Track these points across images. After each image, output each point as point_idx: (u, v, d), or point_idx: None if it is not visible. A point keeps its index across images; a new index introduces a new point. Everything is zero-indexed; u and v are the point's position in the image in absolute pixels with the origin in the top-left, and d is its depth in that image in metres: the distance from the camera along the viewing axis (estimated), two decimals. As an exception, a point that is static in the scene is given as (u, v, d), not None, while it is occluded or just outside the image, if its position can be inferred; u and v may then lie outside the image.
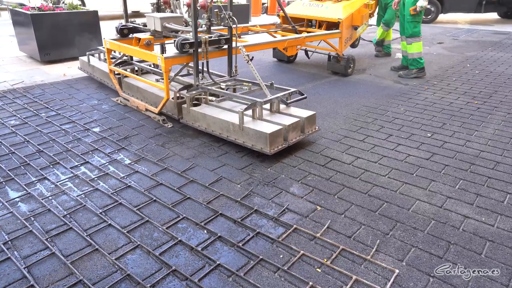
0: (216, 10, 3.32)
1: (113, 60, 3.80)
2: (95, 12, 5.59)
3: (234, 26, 3.23)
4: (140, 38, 3.33)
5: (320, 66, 5.54)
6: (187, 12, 3.87)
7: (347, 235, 1.92)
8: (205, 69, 3.28)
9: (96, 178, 2.44)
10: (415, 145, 2.98)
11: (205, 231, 1.95)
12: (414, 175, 2.53)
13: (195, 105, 3.17)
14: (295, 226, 1.98)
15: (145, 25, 3.74)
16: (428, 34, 8.94)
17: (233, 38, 3.29)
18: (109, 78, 3.97)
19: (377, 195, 2.28)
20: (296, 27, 4.97)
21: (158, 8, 3.96)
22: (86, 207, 2.13)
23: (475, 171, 2.59)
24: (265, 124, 2.78)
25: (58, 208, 2.12)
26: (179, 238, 1.88)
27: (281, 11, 5.03)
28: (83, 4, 8.89)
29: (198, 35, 3.11)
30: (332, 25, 4.95)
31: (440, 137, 3.13)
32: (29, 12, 4.95)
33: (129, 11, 4.06)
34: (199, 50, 3.11)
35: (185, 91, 3.20)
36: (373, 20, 6.37)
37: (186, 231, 1.95)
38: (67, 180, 2.42)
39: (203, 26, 3.27)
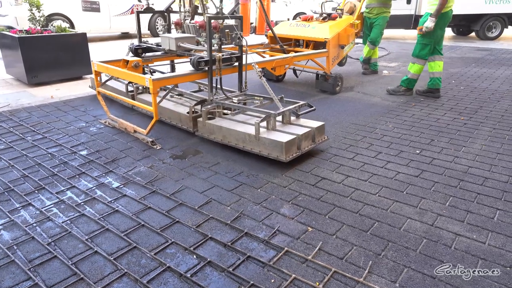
0: (227, 30, 3.56)
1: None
2: (84, 34, 5.60)
3: (244, 45, 3.42)
4: (128, 61, 3.33)
5: (308, 84, 5.59)
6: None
7: (339, 257, 1.90)
8: (213, 84, 3.44)
9: (82, 203, 2.38)
10: (405, 162, 2.99)
11: (195, 256, 1.90)
12: (405, 192, 2.53)
13: (209, 118, 3.35)
14: (286, 248, 1.95)
15: (157, 45, 3.96)
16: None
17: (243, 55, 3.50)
18: (120, 95, 4.03)
19: (368, 214, 2.27)
20: (284, 46, 5.04)
21: (168, 29, 4.28)
22: (71, 233, 2.07)
23: (464, 187, 2.60)
24: (279, 134, 2.98)
25: (42, 236, 2.06)
26: (167, 264, 1.83)
27: (270, 31, 5.10)
28: (72, 26, 8.91)
29: (212, 53, 3.30)
30: (319, 44, 5.03)
31: (429, 154, 3.15)
32: (16, 36, 4.94)
33: (118, 33, 4.16)
34: (213, 67, 3.31)
35: (199, 106, 3.43)
36: (360, 39, 6.51)
37: (175, 257, 1.90)
38: (52, 205, 2.36)
39: (215, 45, 3.42)
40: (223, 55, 3.34)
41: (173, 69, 4.45)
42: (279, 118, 3.20)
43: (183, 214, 2.27)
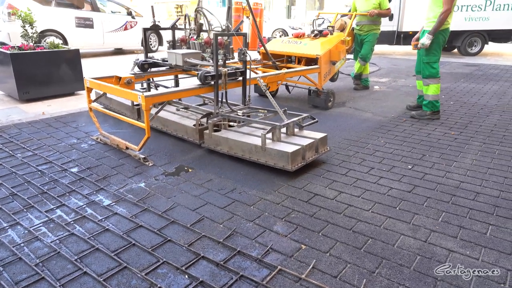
0: (231, 47, 3.73)
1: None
2: (77, 50, 5.61)
3: (248, 60, 3.56)
4: (120, 77, 3.33)
5: (301, 100, 5.64)
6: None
7: (333, 275, 1.88)
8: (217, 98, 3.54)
9: (72, 222, 2.34)
10: (397, 178, 3.00)
11: (186, 276, 1.87)
12: (397, 208, 2.53)
13: (215, 131, 3.47)
14: (279, 267, 1.92)
15: (164, 60, 4.12)
16: (404, 67, 9.31)
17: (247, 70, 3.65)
18: (126, 109, 4.05)
19: (361, 231, 2.26)
20: (277, 63, 5.09)
21: (173, 45, 4.44)
22: (60, 254, 2.03)
23: (456, 202, 2.61)
24: (284, 144, 3.10)
25: (30, 256, 2.01)
26: (158, 285, 1.79)
27: (262, 47, 5.16)
28: (65, 42, 8.93)
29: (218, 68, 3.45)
30: (311, 60, 5.09)
31: (421, 169, 3.17)
32: (8, 52, 4.93)
33: (111, 49, 4.24)
34: (219, 81, 3.44)
35: (205, 118, 3.58)
36: (351, 55, 6.61)
37: (166, 277, 1.86)
38: (41, 224, 2.31)
39: (220, 60, 3.52)
40: (228, 70, 3.46)
41: (177, 84, 4.59)
42: (283, 129, 3.33)
43: (175, 233, 2.24)
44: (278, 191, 2.75)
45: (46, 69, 5.23)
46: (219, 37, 3.48)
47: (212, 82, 3.45)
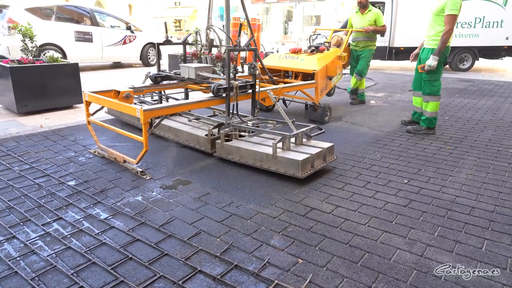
0: (242, 61, 3.94)
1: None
2: (75, 64, 5.66)
3: (258, 74, 3.76)
4: (119, 91, 3.36)
5: (298, 114, 5.69)
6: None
7: (330, 290, 1.88)
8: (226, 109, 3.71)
9: (69, 235, 2.34)
10: (393, 192, 3.02)
11: (183, 291, 1.87)
12: (394, 223, 2.55)
13: (226, 140, 3.62)
14: (276, 281, 1.92)
15: (176, 73, 4.35)
16: (399, 81, 9.42)
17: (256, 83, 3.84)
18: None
19: (358, 245, 2.27)
20: (274, 78, 5.15)
21: (184, 59, 4.70)
22: (56, 267, 2.02)
23: (452, 217, 2.63)
24: (294, 153, 3.25)
25: (26, 270, 2.00)
26: (155, 300, 1.79)
27: (259, 62, 5.23)
28: (64, 56, 9.01)
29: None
30: (308, 75, 5.16)
31: (417, 183, 3.19)
32: (8, 66, 4.97)
33: (110, 62, 4.38)
34: (231, 94, 3.61)
35: (216, 129, 3.76)
36: (347, 70, 6.70)
37: (163, 291, 1.86)
38: (37, 238, 2.30)
39: (230, 74, 3.70)
40: (239, 83, 3.63)
41: (186, 96, 4.83)
42: (293, 139, 3.50)
43: (172, 246, 2.24)
44: (275, 205, 2.77)
45: (44, 83, 5.27)
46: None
47: (224, 94, 3.62)
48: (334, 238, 2.35)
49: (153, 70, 4.54)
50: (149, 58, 11.49)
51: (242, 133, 3.76)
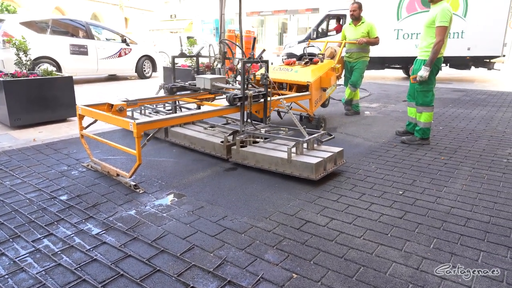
0: (253, 73, 4.21)
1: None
2: (70, 77, 5.66)
3: (269, 84, 3.98)
4: (112, 104, 3.35)
5: (293, 125, 5.67)
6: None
7: (325, 305, 1.84)
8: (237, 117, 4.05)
9: (59, 252, 2.29)
10: (388, 204, 3.01)
11: (175, 308, 1.82)
12: (389, 235, 2.52)
13: (241, 146, 3.82)
14: (270, 297, 1.89)
15: (191, 84, 4.56)
16: (393, 92, 9.49)
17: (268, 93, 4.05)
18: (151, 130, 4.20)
19: (353, 259, 2.24)
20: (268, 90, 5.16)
21: (197, 70, 5.01)
22: (45, 285, 1.97)
23: (447, 228, 2.61)
24: (308, 157, 3.47)
25: (14, 289, 1.95)
26: (146, 318, 1.74)
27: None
28: (59, 69, 9.01)
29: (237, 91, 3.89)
30: (302, 87, 5.18)
31: (412, 194, 3.18)
32: (1, 79, 4.95)
33: (105, 75, 4.46)
34: (245, 103, 3.84)
35: (231, 136, 3.98)
36: (341, 81, 6.74)
37: (154, 309, 1.82)
38: (27, 255, 2.26)
39: (244, 84, 3.91)
40: (253, 93, 3.86)
41: (199, 107, 4.94)
42: (305, 144, 3.70)
43: (165, 262, 2.20)
44: (270, 218, 2.74)
45: (38, 96, 5.25)
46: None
47: (239, 104, 3.82)
48: (329, 251, 2.32)
49: (160, 81, 4.73)
50: (145, 70, 11.51)
51: (256, 139, 3.98)
